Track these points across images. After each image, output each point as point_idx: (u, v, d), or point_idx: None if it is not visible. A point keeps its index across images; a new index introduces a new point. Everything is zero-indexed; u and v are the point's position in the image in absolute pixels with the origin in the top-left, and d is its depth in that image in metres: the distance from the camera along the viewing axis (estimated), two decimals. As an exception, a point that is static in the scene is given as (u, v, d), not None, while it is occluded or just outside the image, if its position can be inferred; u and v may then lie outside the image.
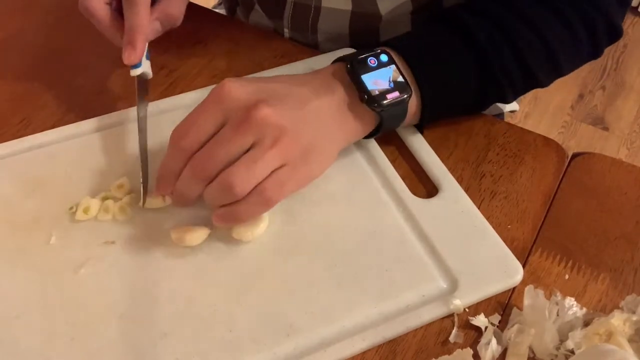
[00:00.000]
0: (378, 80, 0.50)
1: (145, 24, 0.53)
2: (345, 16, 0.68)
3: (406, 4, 0.67)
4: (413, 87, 0.52)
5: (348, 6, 0.67)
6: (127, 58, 0.53)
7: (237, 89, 0.46)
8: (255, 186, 0.45)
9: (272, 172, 0.45)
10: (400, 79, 0.51)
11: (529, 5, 0.56)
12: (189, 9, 0.58)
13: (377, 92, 0.49)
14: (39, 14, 0.69)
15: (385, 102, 0.50)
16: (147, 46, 0.55)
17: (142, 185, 0.51)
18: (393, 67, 0.51)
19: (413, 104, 0.52)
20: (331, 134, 0.49)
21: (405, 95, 0.51)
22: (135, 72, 0.54)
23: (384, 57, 0.51)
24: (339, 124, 0.50)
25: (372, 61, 0.50)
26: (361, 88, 0.49)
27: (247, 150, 0.45)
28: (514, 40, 0.54)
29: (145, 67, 0.55)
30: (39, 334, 0.44)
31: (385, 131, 0.53)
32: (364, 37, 0.66)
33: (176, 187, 0.48)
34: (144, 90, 0.56)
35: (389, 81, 0.50)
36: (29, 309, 0.46)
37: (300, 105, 0.48)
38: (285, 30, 0.73)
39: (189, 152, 0.46)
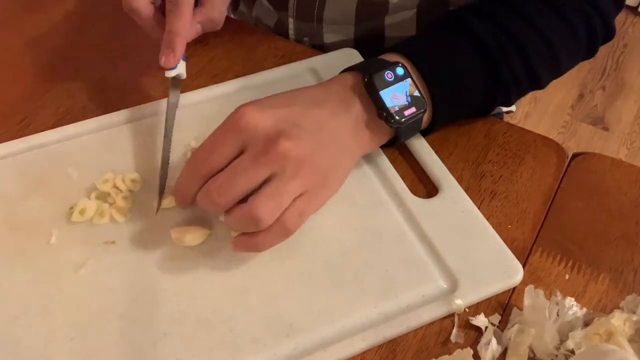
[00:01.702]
0: (396, 94, 0.49)
1: (187, 28, 0.53)
2: (352, 4, 0.68)
3: None
4: (427, 98, 0.52)
5: None
6: (166, 61, 0.53)
7: (256, 118, 0.45)
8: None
9: (293, 200, 0.45)
10: (417, 93, 0.50)
11: (534, 8, 0.56)
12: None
13: (396, 109, 0.49)
14: (40, 14, 0.69)
15: (403, 119, 0.49)
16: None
17: (159, 193, 0.51)
18: (409, 80, 0.50)
19: (425, 115, 0.52)
20: (347, 152, 0.49)
21: (422, 110, 0.51)
22: (170, 74, 0.55)
23: (400, 71, 0.50)
24: (355, 140, 0.50)
25: (389, 75, 0.50)
26: (379, 105, 0.49)
27: (266, 179, 0.44)
28: (521, 44, 0.55)
29: (181, 69, 0.55)
30: (39, 334, 0.44)
31: (398, 144, 0.54)
32: (369, 27, 0.66)
33: (199, 200, 0.47)
34: (177, 91, 0.56)
35: (406, 96, 0.50)
36: (29, 309, 0.46)
37: (319, 128, 0.47)
38: (290, 19, 0.72)
39: (207, 179, 0.46)
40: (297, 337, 0.45)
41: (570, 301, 0.47)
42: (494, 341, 0.45)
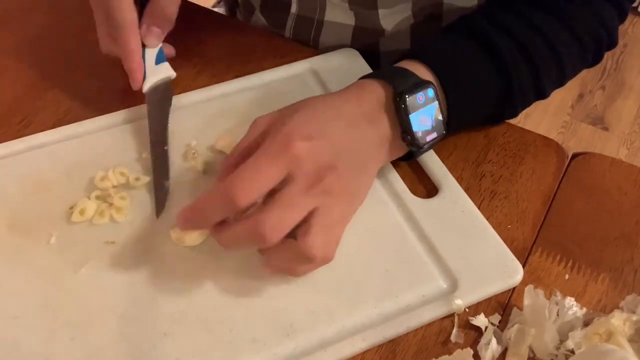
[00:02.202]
0: (424, 117, 0.49)
1: (133, 49, 0.54)
2: (348, 31, 0.68)
3: (407, 19, 0.67)
4: (444, 110, 0.52)
5: (351, 21, 0.67)
6: (133, 85, 0.55)
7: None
8: None
9: None
10: (440, 117, 0.50)
11: (547, 24, 0.56)
12: (188, 9, 0.58)
13: (420, 134, 0.49)
14: (39, 14, 0.69)
15: (423, 142, 0.50)
16: (159, 48, 0.56)
17: (156, 198, 0.51)
18: (436, 104, 0.50)
19: None
20: (370, 172, 0.49)
21: (441, 135, 0.51)
22: (144, 88, 0.56)
23: (430, 93, 0.50)
24: (378, 158, 0.50)
25: (421, 98, 0.49)
26: (407, 130, 0.49)
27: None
28: (535, 63, 0.55)
29: (159, 75, 0.56)
30: (39, 334, 0.44)
31: (409, 161, 0.55)
32: (365, 50, 0.66)
33: (224, 238, 0.44)
34: (166, 95, 0.57)
35: (432, 120, 0.50)
36: (29, 309, 0.46)
37: (355, 157, 0.46)
38: None
39: (243, 208, 0.42)
40: (297, 337, 0.45)
41: (570, 301, 0.47)
42: (494, 341, 0.45)
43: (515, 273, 0.48)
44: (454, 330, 0.46)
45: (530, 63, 0.55)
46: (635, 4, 2.14)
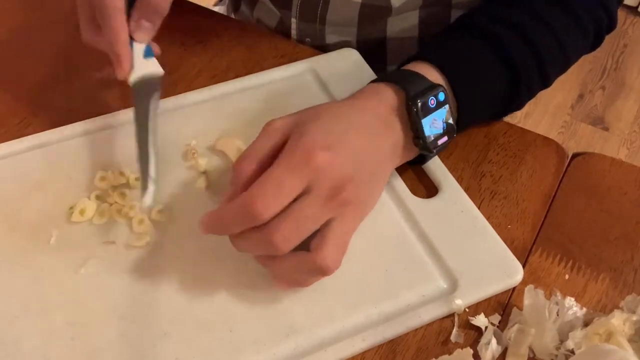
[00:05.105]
0: (436, 120, 0.49)
1: (121, 35, 0.51)
2: (355, 7, 0.68)
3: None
4: (454, 110, 0.52)
5: None
6: (117, 74, 0.52)
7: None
8: None
9: None
10: (451, 120, 0.50)
11: (550, 12, 0.56)
12: (188, 9, 0.58)
13: (432, 138, 0.49)
14: (39, 14, 0.69)
15: (435, 147, 0.50)
16: (146, 45, 0.54)
17: (142, 181, 0.48)
18: (447, 107, 0.50)
19: None
20: (384, 179, 0.49)
21: (452, 138, 0.51)
22: (131, 79, 0.53)
23: (441, 96, 0.50)
24: (390, 164, 0.50)
25: (432, 101, 0.49)
26: (419, 134, 0.49)
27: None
28: (541, 54, 0.55)
29: (147, 69, 0.53)
30: (39, 334, 0.44)
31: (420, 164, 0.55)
32: (372, 29, 0.65)
33: (238, 243, 0.44)
34: (154, 90, 0.53)
35: (443, 122, 0.50)
36: (29, 309, 0.46)
37: (370, 165, 0.46)
38: (293, 19, 0.72)
39: (264, 220, 0.41)
40: (297, 337, 0.45)
41: (570, 301, 0.47)
42: (494, 341, 0.45)
43: (515, 273, 0.48)
44: (454, 330, 0.46)
45: (536, 56, 0.55)
46: (634, 4, 2.15)
